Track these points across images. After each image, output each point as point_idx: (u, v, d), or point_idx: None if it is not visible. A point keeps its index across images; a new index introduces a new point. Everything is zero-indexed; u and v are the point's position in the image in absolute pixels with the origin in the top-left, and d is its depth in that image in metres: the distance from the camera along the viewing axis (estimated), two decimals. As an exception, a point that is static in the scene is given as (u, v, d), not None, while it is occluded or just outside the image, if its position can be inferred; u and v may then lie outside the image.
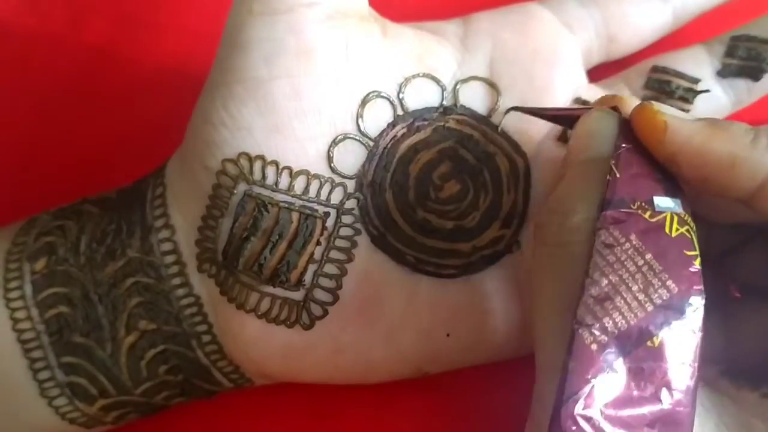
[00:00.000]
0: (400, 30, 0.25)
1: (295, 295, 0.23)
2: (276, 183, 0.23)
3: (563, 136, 0.24)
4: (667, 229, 0.18)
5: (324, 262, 0.23)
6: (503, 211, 0.24)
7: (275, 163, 0.23)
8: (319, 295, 0.23)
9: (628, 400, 0.17)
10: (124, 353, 0.24)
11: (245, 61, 0.23)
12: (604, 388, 0.17)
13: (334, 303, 0.23)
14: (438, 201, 0.24)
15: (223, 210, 0.23)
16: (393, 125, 0.24)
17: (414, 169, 0.24)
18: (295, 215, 0.23)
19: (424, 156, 0.25)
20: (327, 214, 0.23)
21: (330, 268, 0.23)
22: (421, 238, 0.24)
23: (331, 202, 0.23)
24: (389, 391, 0.27)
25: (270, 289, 0.23)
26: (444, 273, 0.24)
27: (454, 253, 0.24)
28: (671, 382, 0.17)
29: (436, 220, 0.24)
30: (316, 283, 0.23)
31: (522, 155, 0.25)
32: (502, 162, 0.25)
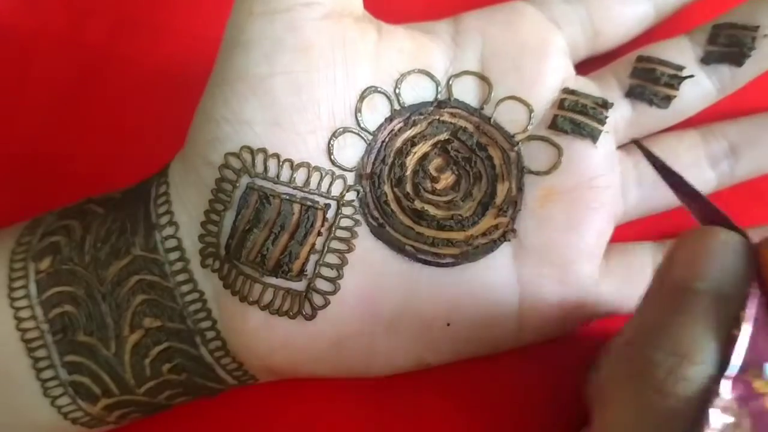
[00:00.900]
0: (393, 29, 0.26)
1: (297, 286, 0.24)
2: (278, 175, 0.23)
3: (554, 124, 0.25)
4: None
5: (325, 252, 0.24)
6: (498, 199, 0.25)
7: (277, 156, 0.23)
8: (320, 285, 0.24)
9: None
10: (128, 351, 0.24)
11: (246, 58, 0.23)
12: None
13: (335, 292, 0.23)
14: (434, 192, 0.25)
15: (226, 204, 0.24)
16: (390, 119, 0.25)
17: (411, 161, 0.25)
18: (296, 207, 0.24)
19: (421, 148, 0.25)
20: (327, 205, 0.24)
21: (331, 258, 0.24)
22: (419, 228, 0.25)
23: (332, 193, 0.24)
24: (390, 388, 0.27)
25: (273, 280, 0.24)
26: (442, 262, 0.24)
27: (452, 243, 0.25)
28: None
29: (433, 211, 0.25)
30: (317, 273, 0.24)
31: (514, 144, 0.25)
32: (495, 152, 0.25)
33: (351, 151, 0.24)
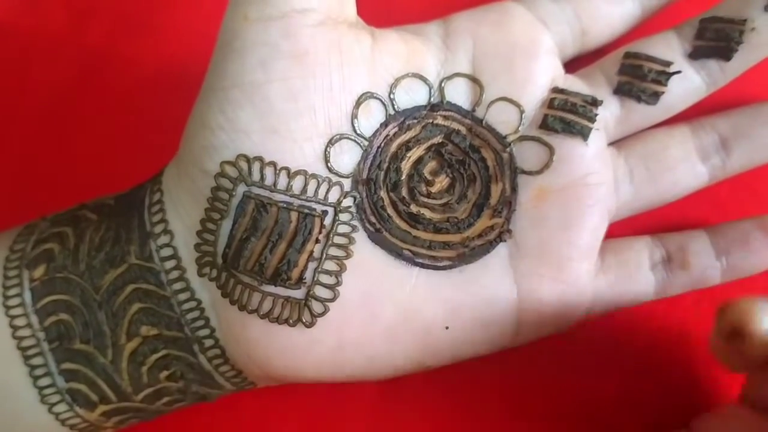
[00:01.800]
0: (386, 34, 0.26)
1: (296, 294, 0.24)
2: (274, 183, 0.23)
3: (544, 123, 0.25)
4: None
5: (324, 259, 0.24)
6: (493, 200, 0.25)
7: (273, 163, 0.23)
8: (319, 292, 0.24)
9: None
10: (125, 359, 0.24)
11: (241, 65, 0.23)
12: None
13: (334, 299, 0.24)
14: (430, 195, 0.25)
15: (223, 212, 0.24)
16: (385, 124, 0.25)
17: (406, 166, 0.25)
18: (293, 214, 0.24)
19: (415, 152, 0.25)
20: (325, 212, 0.24)
21: (329, 265, 0.24)
22: (416, 232, 0.25)
23: (329, 200, 0.24)
24: (390, 389, 0.27)
25: (271, 288, 0.24)
26: (440, 265, 0.25)
27: (449, 245, 0.25)
28: None
29: (429, 214, 0.25)
30: (316, 280, 0.24)
31: (506, 145, 0.25)
32: (488, 153, 0.26)
33: (347, 157, 0.24)
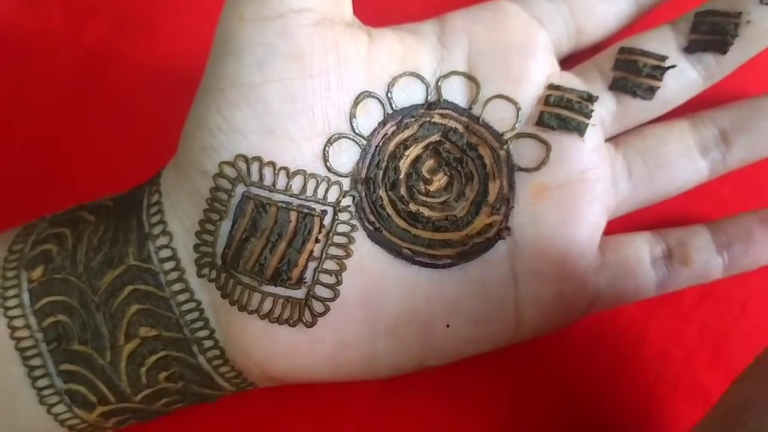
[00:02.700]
0: (382, 33, 0.26)
1: (296, 294, 0.24)
2: (273, 183, 0.23)
3: (540, 120, 0.25)
4: None
5: (324, 258, 0.24)
6: (491, 198, 0.25)
7: (272, 163, 0.23)
8: (320, 291, 0.24)
9: None
10: (123, 360, 0.24)
11: (238, 66, 0.23)
12: None
13: (334, 299, 0.24)
14: (428, 194, 0.25)
15: (222, 213, 0.23)
16: (383, 123, 0.25)
17: (404, 165, 0.25)
18: (293, 214, 0.24)
19: (413, 151, 0.25)
20: (324, 212, 0.24)
21: (330, 265, 0.24)
22: (415, 231, 0.25)
23: (328, 200, 0.24)
24: (391, 389, 0.28)
25: (272, 288, 0.24)
26: (439, 264, 0.25)
27: (448, 244, 0.25)
28: None
29: (428, 212, 0.25)
30: (317, 279, 0.24)
31: (503, 143, 0.26)
32: (485, 151, 0.26)
33: (346, 157, 0.24)
